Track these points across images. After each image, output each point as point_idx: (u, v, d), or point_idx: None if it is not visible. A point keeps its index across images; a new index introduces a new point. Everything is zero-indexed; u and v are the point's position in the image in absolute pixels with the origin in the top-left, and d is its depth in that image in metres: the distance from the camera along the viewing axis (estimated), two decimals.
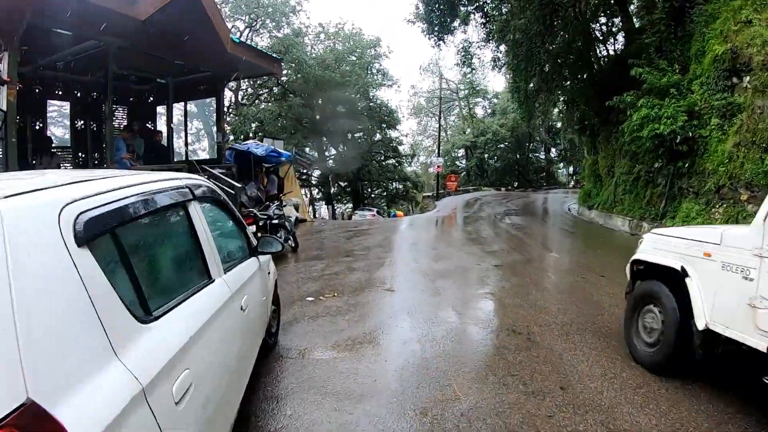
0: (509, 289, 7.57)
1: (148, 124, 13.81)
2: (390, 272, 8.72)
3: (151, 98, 14.18)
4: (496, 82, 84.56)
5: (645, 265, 4.71)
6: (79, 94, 12.70)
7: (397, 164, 42.11)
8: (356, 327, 5.63)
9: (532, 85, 21.59)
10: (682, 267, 4.05)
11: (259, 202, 12.71)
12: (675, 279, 4.13)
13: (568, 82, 21.93)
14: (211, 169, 10.81)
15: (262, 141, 18.31)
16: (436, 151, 61.93)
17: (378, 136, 41.21)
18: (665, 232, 4.75)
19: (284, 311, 6.17)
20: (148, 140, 11.87)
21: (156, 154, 11.39)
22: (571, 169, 60.23)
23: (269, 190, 15.62)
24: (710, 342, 3.75)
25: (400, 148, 41.85)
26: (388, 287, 7.56)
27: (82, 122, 12.95)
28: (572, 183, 48.48)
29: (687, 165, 12.13)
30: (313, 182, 41.89)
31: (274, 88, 35.11)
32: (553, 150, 57.31)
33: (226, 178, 10.68)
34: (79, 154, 12.89)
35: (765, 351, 3.18)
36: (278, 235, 9.85)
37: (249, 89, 35.69)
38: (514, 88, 22.90)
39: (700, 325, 3.75)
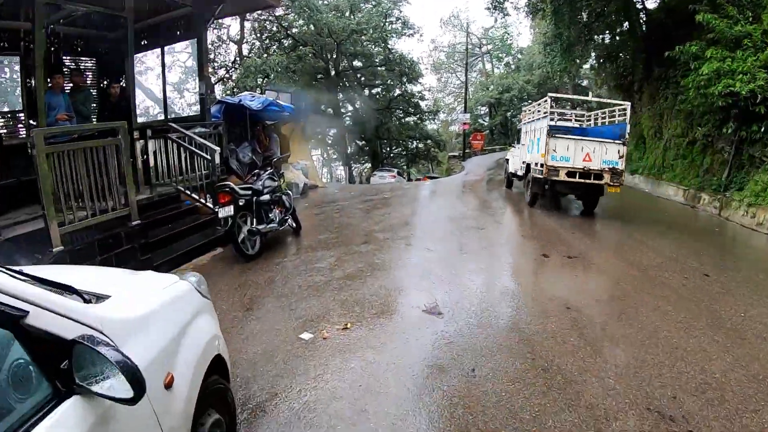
0: (618, 305, 4.92)
1: (120, 78, 11.14)
2: (429, 273, 6.04)
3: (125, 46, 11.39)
4: (521, 38, 79.69)
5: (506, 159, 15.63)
6: (31, 45, 9.93)
7: (419, 121, 38.74)
8: (387, 423, 3.01)
9: (568, 34, 18.98)
10: (508, 158, 15.27)
11: (254, 168, 10.03)
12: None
13: (607, 33, 19.98)
14: (184, 130, 8.13)
15: (263, 93, 15.52)
16: (459, 107, 58.08)
17: (397, 92, 37.69)
18: (510, 149, 15.75)
19: (262, 366, 3.64)
20: (102, 95, 9.16)
21: (111, 112, 8.64)
22: None
23: (271, 152, 12.96)
24: (512, 174, 14.30)
25: (422, 103, 38.08)
26: (430, 306, 4.87)
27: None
28: None
29: (763, 130, 10.38)
30: (329, 141, 38.89)
31: (283, 40, 31.68)
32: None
33: (201, 140, 8.02)
34: (33, 120, 10.19)
35: (513, 172, 14.15)
36: (270, 216, 7.21)
37: (256, 42, 32.40)
38: (556, 35, 19.89)
39: (510, 170, 14.62)
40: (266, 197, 7.08)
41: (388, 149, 42.96)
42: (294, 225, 8.31)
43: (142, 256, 6.19)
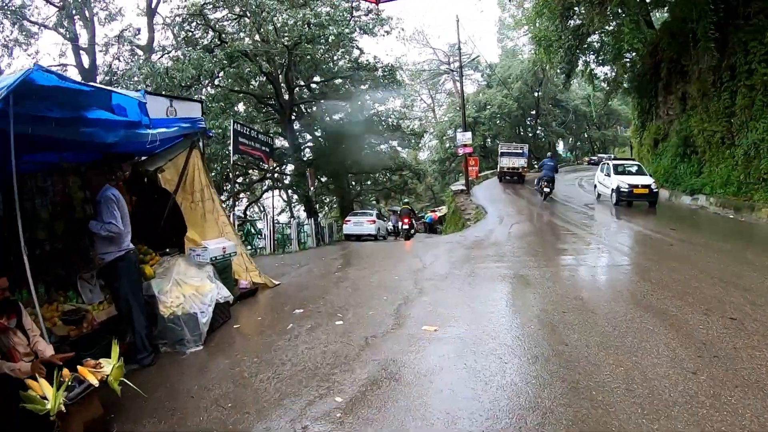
0: None
1: None
2: None
3: None
4: (488, 53, 76.39)
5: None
6: None
7: (398, 148, 30.21)
8: None
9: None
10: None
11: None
12: None
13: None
14: None
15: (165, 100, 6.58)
16: (428, 133, 49.98)
17: (365, 114, 28.62)
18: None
19: None
20: None
21: None
22: (561, 143, 57.55)
23: (103, 255, 4.41)
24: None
25: (403, 124, 28.80)
26: None
27: None
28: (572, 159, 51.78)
29: None
30: (286, 181, 29.52)
31: (214, 48, 22.17)
32: (553, 123, 50.67)
33: None
34: None
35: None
36: None
37: (172, 51, 22.87)
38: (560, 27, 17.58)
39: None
40: None
41: (354, 183, 34.03)
42: None
43: None
